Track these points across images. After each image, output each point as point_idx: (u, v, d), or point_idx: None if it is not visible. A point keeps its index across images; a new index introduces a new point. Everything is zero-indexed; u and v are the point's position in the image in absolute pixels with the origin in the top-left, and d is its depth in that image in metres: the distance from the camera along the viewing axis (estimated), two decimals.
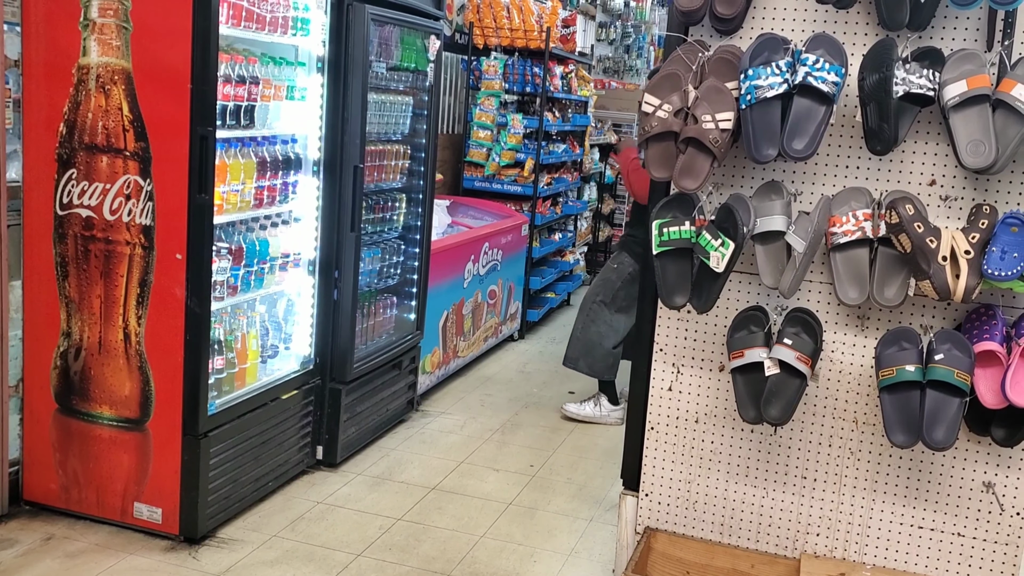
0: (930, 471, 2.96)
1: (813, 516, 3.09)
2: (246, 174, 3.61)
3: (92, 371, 3.48)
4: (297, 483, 4.14)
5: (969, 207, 2.80)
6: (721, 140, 2.72)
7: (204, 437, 3.46)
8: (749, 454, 3.13)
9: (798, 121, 2.69)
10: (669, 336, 3.16)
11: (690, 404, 3.17)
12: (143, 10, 3.22)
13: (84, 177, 3.37)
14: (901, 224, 2.63)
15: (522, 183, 7.12)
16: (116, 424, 3.50)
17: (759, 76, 2.68)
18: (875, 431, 2.98)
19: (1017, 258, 2.56)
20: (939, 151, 2.82)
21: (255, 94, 3.59)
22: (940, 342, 2.70)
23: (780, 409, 2.83)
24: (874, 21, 2.81)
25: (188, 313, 3.35)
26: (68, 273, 3.45)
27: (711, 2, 2.82)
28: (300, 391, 4.07)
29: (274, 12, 3.64)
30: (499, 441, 4.89)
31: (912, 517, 2.99)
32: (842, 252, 2.78)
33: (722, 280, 2.80)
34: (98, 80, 3.29)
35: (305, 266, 4.15)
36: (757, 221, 2.82)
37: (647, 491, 3.25)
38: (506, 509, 4.08)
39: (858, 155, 2.89)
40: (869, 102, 2.67)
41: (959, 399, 2.65)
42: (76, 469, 3.57)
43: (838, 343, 2.98)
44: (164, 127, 3.27)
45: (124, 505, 3.54)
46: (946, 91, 2.60)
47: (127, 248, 3.36)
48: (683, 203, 2.91)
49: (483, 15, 7.15)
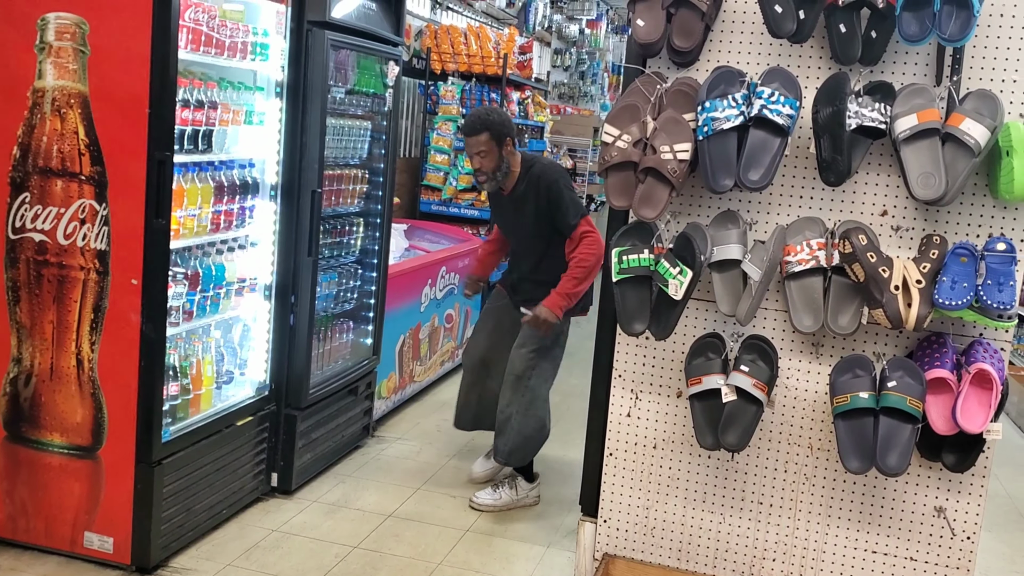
0: (883, 496, 3.01)
1: (769, 541, 3.13)
2: (203, 198, 3.58)
3: (43, 398, 3.41)
4: (252, 511, 4.08)
5: (920, 237, 2.87)
6: (679, 170, 2.77)
7: (158, 465, 3.40)
8: (707, 480, 3.16)
9: (754, 152, 2.75)
10: (628, 362, 3.19)
11: (648, 430, 3.19)
12: (101, 34, 3.19)
13: (38, 201, 3.31)
14: (854, 254, 2.69)
15: (479, 207, 7.14)
16: (67, 452, 3.43)
17: (716, 108, 2.73)
18: (830, 457, 3.03)
19: (967, 288, 2.63)
20: (891, 182, 2.89)
21: (213, 118, 3.57)
22: (892, 369, 2.76)
23: (737, 435, 2.86)
24: (827, 55, 2.88)
25: (143, 339, 3.31)
26: (19, 298, 3.38)
27: (669, 35, 2.87)
28: (255, 417, 4.02)
29: (233, 37, 3.63)
30: (456, 467, 4.88)
31: (866, 542, 3.04)
32: (797, 280, 2.83)
33: (680, 307, 2.83)
34: (54, 103, 3.25)
35: (261, 291, 4.12)
36: (714, 250, 2.86)
37: (605, 517, 3.27)
38: (464, 536, 4.06)
39: (812, 186, 2.95)
40: (823, 134, 2.74)
41: (911, 425, 2.70)
42: (24, 498, 3.49)
43: (793, 370, 3.03)
44: (121, 151, 3.23)
45: (74, 535, 3.46)
46: (897, 124, 2.67)
47: (81, 273, 3.31)
48: (642, 231, 2.95)
49: (441, 41, 7.19)
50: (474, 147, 4.14)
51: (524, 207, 4.27)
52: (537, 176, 4.24)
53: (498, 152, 4.16)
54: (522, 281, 4.47)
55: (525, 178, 4.25)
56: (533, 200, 4.23)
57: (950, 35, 2.59)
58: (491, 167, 4.17)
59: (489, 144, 4.13)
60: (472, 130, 4.13)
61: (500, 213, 4.50)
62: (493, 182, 4.22)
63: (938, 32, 2.59)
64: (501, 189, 4.30)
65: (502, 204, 4.39)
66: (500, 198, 4.38)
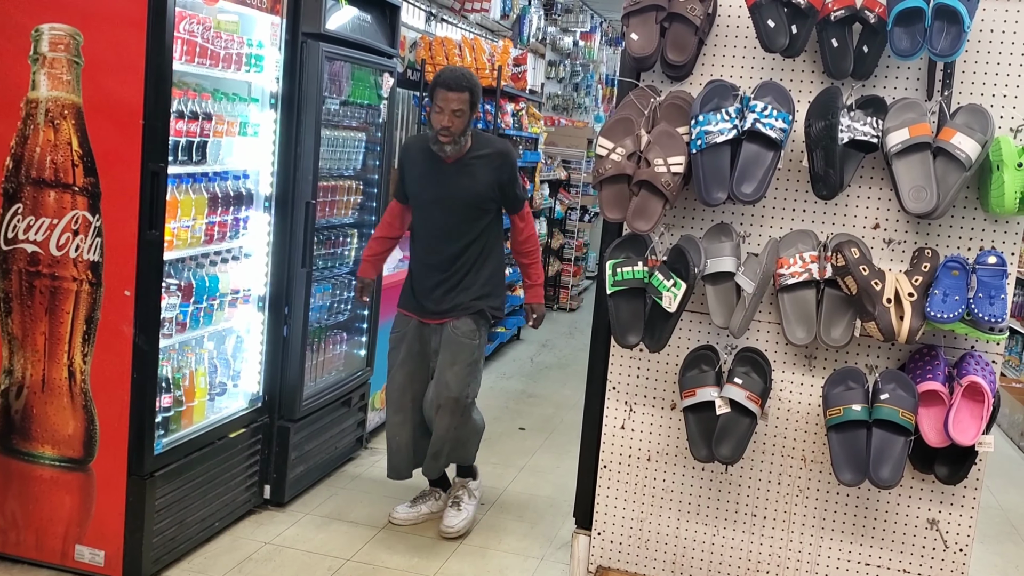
0: (876, 508, 3.02)
1: (763, 554, 3.13)
2: (197, 210, 3.57)
3: (34, 410, 3.40)
4: (244, 523, 4.06)
5: (912, 250, 2.89)
6: (673, 183, 2.78)
7: (150, 477, 3.39)
8: (700, 492, 3.16)
9: (747, 166, 2.76)
10: (622, 375, 3.19)
11: (642, 442, 3.19)
12: (96, 45, 3.19)
13: (30, 212, 3.31)
14: (847, 266, 2.70)
15: None
16: (58, 464, 3.41)
17: (709, 122, 2.75)
18: (823, 469, 3.04)
19: (958, 301, 2.64)
20: (882, 196, 2.91)
21: (208, 130, 3.56)
22: (885, 382, 2.77)
23: (731, 448, 2.87)
24: (820, 70, 2.90)
25: (136, 351, 3.30)
26: (11, 309, 3.37)
27: (663, 49, 2.88)
28: (248, 429, 4.01)
29: (228, 49, 3.63)
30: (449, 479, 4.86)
31: (859, 554, 3.05)
32: (790, 293, 2.84)
33: (674, 320, 2.84)
34: (47, 115, 3.24)
35: (255, 302, 4.11)
36: (708, 262, 2.87)
37: (599, 530, 3.26)
38: (457, 548, 4.05)
39: (805, 199, 2.97)
40: (815, 148, 2.75)
41: (904, 438, 2.71)
42: (15, 511, 3.47)
43: (786, 382, 3.04)
44: (114, 162, 3.23)
45: (65, 548, 3.44)
46: (889, 138, 2.69)
47: (74, 284, 3.30)
48: (636, 244, 2.96)
49: (435, 53, 7.21)
50: (454, 103, 3.78)
51: (473, 176, 3.92)
52: (497, 148, 4.01)
53: (470, 116, 3.87)
54: (439, 285, 4.01)
55: (481, 149, 3.95)
56: (488, 171, 3.93)
57: (941, 50, 2.61)
58: (460, 129, 3.83)
59: (466, 105, 3.83)
60: (458, 86, 3.80)
61: (432, 182, 3.97)
62: (455, 146, 3.86)
63: (929, 47, 2.61)
64: (443, 157, 3.91)
65: (438, 172, 3.95)
66: (437, 165, 3.95)
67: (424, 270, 4.04)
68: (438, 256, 3.99)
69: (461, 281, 4.00)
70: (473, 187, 3.93)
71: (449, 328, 4.01)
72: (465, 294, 4.00)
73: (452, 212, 3.95)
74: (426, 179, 3.98)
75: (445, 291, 4.01)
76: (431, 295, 4.02)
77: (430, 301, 4.02)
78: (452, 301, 4.00)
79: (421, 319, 4.06)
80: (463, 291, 4.00)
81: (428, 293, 4.03)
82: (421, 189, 4.00)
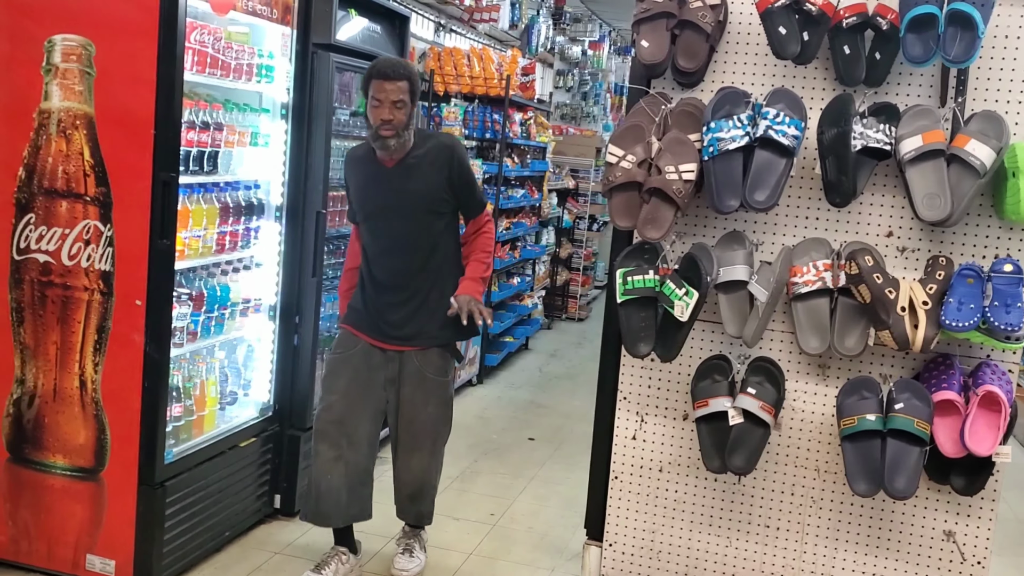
0: (891, 520, 2.99)
1: (776, 566, 3.10)
2: (208, 220, 3.58)
3: (46, 419, 3.40)
4: (255, 532, 4.05)
5: (926, 258, 2.87)
6: (684, 191, 2.77)
7: (160, 487, 3.38)
8: (713, 503, 3.14)
9: (759, 173, 2.75)
10: (633, 385, 3.17)
11: (654, 453, 3.17)
12: (108, 56, 3.20)
13: (42, 222, 3.31)
14: (861, 275, 2.68)
15: None
16: (69, 473, 3.41)
17: (721, 129, 2.74)
18: (837, 480, 3.01)
19: (973, 309, 2.62)
20: (896, 203, 2.89)
21: (218, 140, 3.57)
22: (900, 391, 2.75)
23: (744, 458, 2.85)
24: (832, 77, 2.89)
25: (147, 360, 3.30)
26: (24, 319, 3.38)
27: (673, 56, 2.88)
28: (258, 438, 4.00)
29: (239, 59, 3.64)
30: (458, 489, 4.85)
31: (874, 566, 3.02)
32: (803, 302, 2.82)
33: (686, 329, 2.83)
34: (59, 125, 3.25)
35: (266, 311, 4.11)
36: (720, 271, 2.86)
37: (611, 541, 3.24)
38: (467, 559, 4.03)
39: (818, 207, 2.95)
40: (828, 155, 2.74)
41: (919, 448, 2.69)
42: (27, 520, 3.47)
43: (800, 392, 3.02)
44: (126, 172, 3.24)
45: (76, 557, 3.44)
46: (902, 145, 2.67)
47: (85, 294, 3.31)
48: (646, 252, 2.94)
49: (444, 63, 7.22)
50: (393, 94, 3.34)
51: (419, 175, 3.47)
52: (440, 141, 3.58)
53: (411, 108, 3.42)
54: (400, 306, 3.52)
55: (423, 146, 3.49)
56: (435, 168, 3.47)
57: (954, 56, 2.59)
58: (402, 122, 3.38)
59: (407, 95, 3.38)
60: (396, 74, 3.36)
61: (376, 190, 3.53)
62: (398, 140, 3.39)
63: (943, 53, 2.59)
64: (385, 158, 3.48)
65: (380, 178, 3.51)
66: (379, 170, 3.50)
67: (379, 289, 3.53)
68: (394, 272, 3.52)
69: (425, 301, 3.52)
70: (422, 188, 3.49)
71: (415, 363, 3.53)
72: (431, 320, 3.52)
73: (403, 219, 3.49)
74: (369, 187, 3.55)
75: (408, 314, 3.52)
76: (389, 316, 3.52)
77: (388, 324, 3.52)
78: (417, 326, 3.53)
79: (373, 341, 3.55)
80: (428, 315, 3.53)
81: (385, 313, 3.52)
82: (366, 199, 3.56)
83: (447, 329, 3.55)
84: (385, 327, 3.52)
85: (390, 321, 3.52)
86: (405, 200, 3.48)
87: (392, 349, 3.54)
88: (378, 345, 3.54)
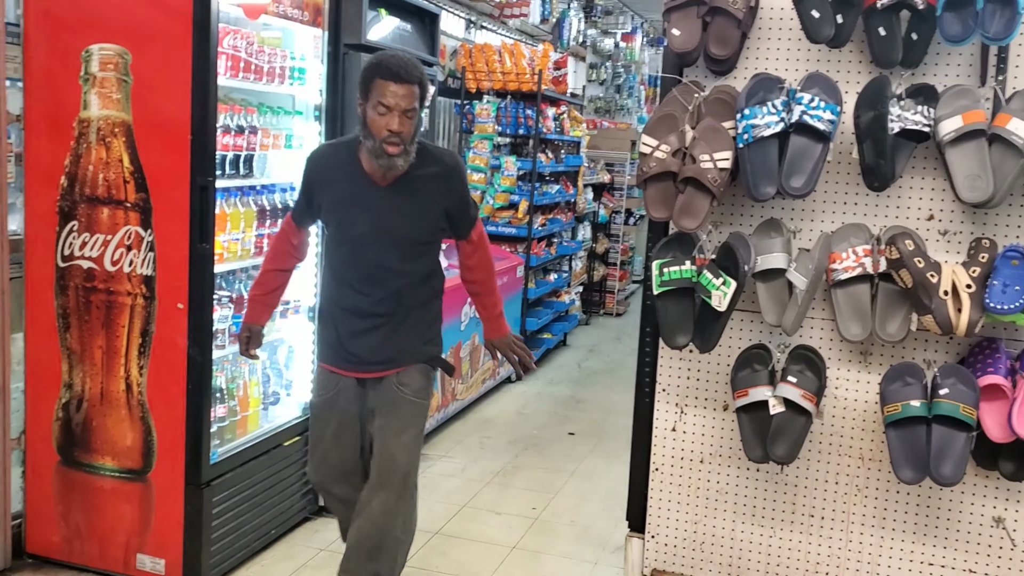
0: (938, 507, 2.95)
1: (822, 555, 3.07)
2: (246, 223, 3.62)
3: (94, 422, 3.46)
4: (299, 530, 4.09)
5: (968, 241, 2.82)
6: (720, 179, 2.74)
7: (207, 486, 3.43)
8: (755, 493, 3.12)
9: (795, 159, 2.72)
10: (671, 376, 3.16)
11: (694, 444, 3.16)
12: (143, 63, 3.25)
13: (85, 229, 3.37)
14: (901, 259, 2.65)
15: (517, 225, 7.15)
16: (118, 475, 3.47)
17: (755, 115, 2.71)
18: (882, 467, 2.97)
19: (1019, 291, 2.57)
20: (936, 186, 2.84)
21: (254, 143, 3.61)
22: (944, 377, 2.71)
23: (786, 447, 2.82)
24: (867, 59, 2.85)
25: (190, 362, 3.34)
26: (70, 324, 3.44)
27: (705, 43, 2.85)
28: (302, 437, 4.04)
29: (271, 63, 3.68)
30: (500, 484, 4.86)
31: (922, 554, 2.98)
32: (843, 288, 2.79)
33: (724, 319, 2.80)
34: (99, 133, 3.31)
35: (305, 313, 4.15)
36: (758, 259, 2.83)
37: (653, 533, 3.23)
38: (510, 553, 4.05)
39: (855, 191, 2.91)
40: (865, 139, 2.70)
41: (966, 434, 2.64)
42: (78, 521, 3.54)
43: (842, 379, 2.98)
44: (164, 178, 3.28)
45: (127, 557, 3.50)
46: (941, 127, 2.63)
47: (128, 298, 3.36)
48: (683, 243, 2.92)
49: (475, 59, 7.23)
50: (405, 100, 2.80)
51: (418, 200, 2.97)
52: (447, 163, 3.05)
53: (419, 118, 2.90)
54: (375, 330, 3.02)
55: (425, 163, 2.96)
56: (438, 194, 2.99)
57: (994, 34, 2.55)
58: (411, 136, 2.86)
59: (418, 102, 2.86)
60: (409, 76, 2.81)
61: (363, 211, 2.96)
62: (405, 158, 2.86)
63: (982, 31, 2.55)
64: (372, 176, 2.94)
65: (369, 197, 2.95)
66: (368, 187, 2.95)
67: (350, 317, 3.04)
68: (372, 299, 3.01)
69: (405, 321, 3.05)
70: (420, 216, 2.98)
71: (392, 384, 3.04)
72: (412, 338, 3.07)
73: (394, 249, 2.98)
74: (356, 208, 2.96)
75: (384, 336, 3.04)
76: (364, 341, 3.04)
77: (364, 349, 3.04)
78: (396, 347, 3.05)
79: (351, 373, 3.09)
80: (409, 333, 3.07)
81: (359, 338, 3.04)
82: (350, 222, 2.98)
83: (431, 344, 3.15)
84: (363, 352, 3.04)
85: (367, 346, 3.04)
86: (400, 229, 2.96)
87: (371, 376, 3.08)
88: (356, 376, 3.09)
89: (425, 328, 3.12)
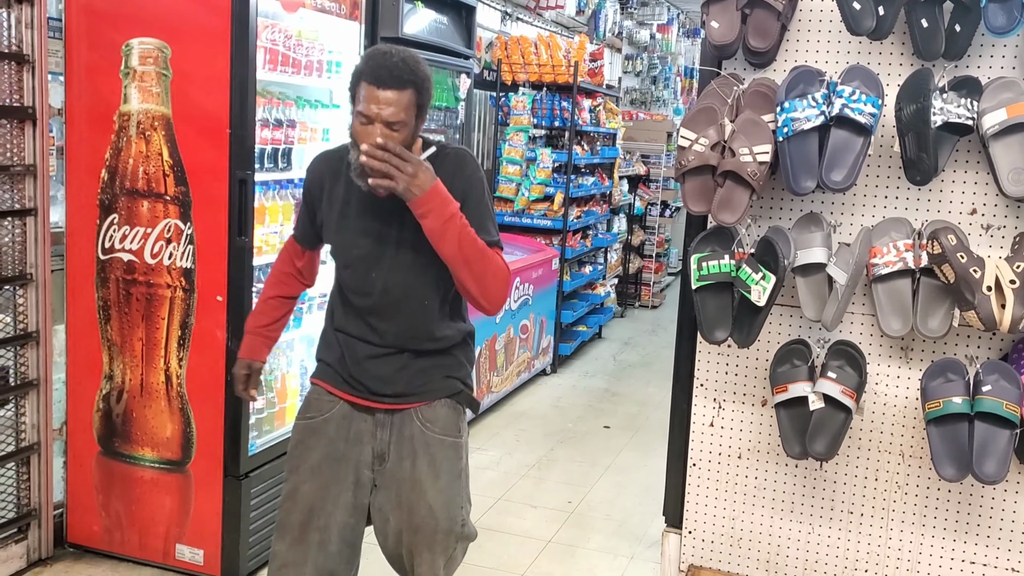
0: (980, 505, 2.90)
1: (861, 552, 3.04)
2: (284, 216, 3.64)
3: (134, 413, 3.51)
4: None
5: (1012, 236, 2.77)
6: (759, 173, 2.72)
7: (245, 478, 3.46)
8: (794, 489, 3.09)
9: (836, 153, 2.69)
10: (710, 371, 3.14)
11: (733, 439, 3.14)
12: (183, 57, 3.28)
13: (125, 222, 3.41)
14: (943, 254, 2.60)
15: (552, 217, 7.13)
16: (158, 466, 3.52)
17: (795, 108, 2.68)
18: (922, 464, 2.94)
19: None
20: (979, 180, 2.80)
21: (292, 137, 3.63)
22: (987, 373, 2.67)
23: (826, 444, 2.79)
24: (909, 51, 2.81)
25: (229, 354, 3.37)
26: (110, 316, 3.49)
27: (744, 36, 2.82)
28: None
29: (309, 56, 3.69)
30: (536, 477, 4.86)
31: (963, 552, 2.94)
32: (884, 283, 2.75)
33: (764, 314, 2.78)
34: (139, 126, 3.34)
35: None
36: (797, 254, 2.80)
37: (691, 528, 3.22)
38: (545, 547, 4.05)
39: (897, 185, 2.87)
40: (907, 132, 2.66)
41: (1009, 431, 2.60)
42: (119, 511, 3.59)
43: (882, 375, 2.95)
44: (203, 171, 3.31)
45: (166, 547, 3.55)
46: (985, 120, 2.58)
47: (168, 291, 3.40)
48: (721, 237, 2.90)
49: (511, 52, 7.22)
50: (389, 108, 2.27)
51: None
52: (458, 166, 2.49)
53: (416, 127, 2.37)
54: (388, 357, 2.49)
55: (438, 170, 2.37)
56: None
57: None
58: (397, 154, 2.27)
59: (410, 110, 2.32)
60: (395, 80, 2.28)
61: (365, 226, 2.46)
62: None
63: None
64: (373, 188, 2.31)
65: (373, 210, 2.44)
66: (367, 203, 2.43)
67: (358, 344, 2.52)
68: (382, 331, 2.50)
69: (423, 352, 2.52)
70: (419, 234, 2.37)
71: (416, 422, 2.51)
72: (435, 367, 2.54)
73: (398, 271, 2.46)
74: (356, 220, 2.48)
75: (400, 365, 2.51)
76: (375, 369, 2.51)
77: (373, 379, 2.50)
78: (416, 380, 2.52)
79: (356, 399, 2.53)
80: (431, 362, 2.54)
81: (368, 363, 2.51)
82: (349, 237, 2.49)
83: (454, 374, 2.58)
84: (370, 381, 2.50)
85: (378, 375, 2.50)
86: (405, 247, 2.44)
87: (381, 409, 2.52)
88: (363, 404, 2.53)
89: (454, 348, 2.57)
